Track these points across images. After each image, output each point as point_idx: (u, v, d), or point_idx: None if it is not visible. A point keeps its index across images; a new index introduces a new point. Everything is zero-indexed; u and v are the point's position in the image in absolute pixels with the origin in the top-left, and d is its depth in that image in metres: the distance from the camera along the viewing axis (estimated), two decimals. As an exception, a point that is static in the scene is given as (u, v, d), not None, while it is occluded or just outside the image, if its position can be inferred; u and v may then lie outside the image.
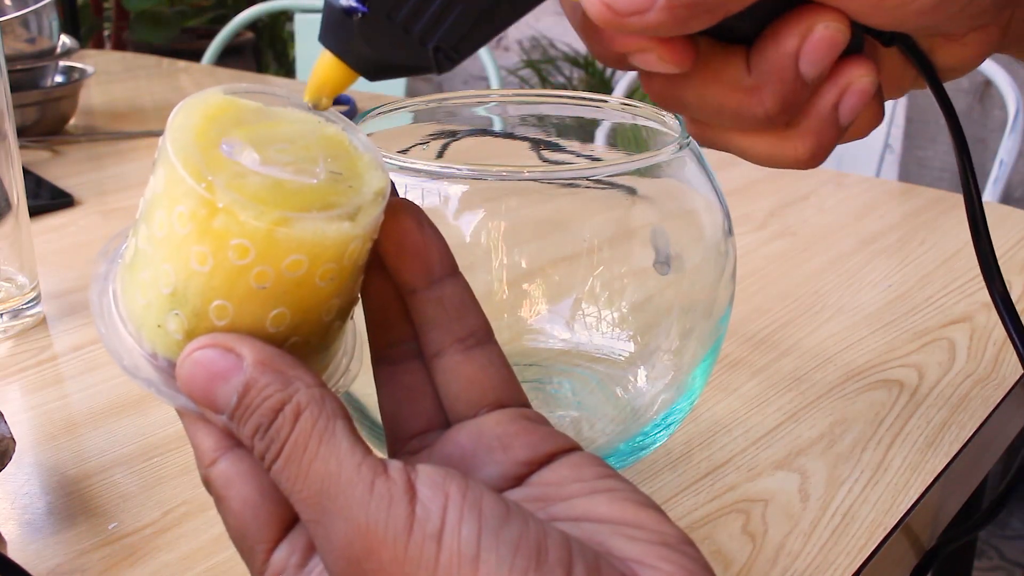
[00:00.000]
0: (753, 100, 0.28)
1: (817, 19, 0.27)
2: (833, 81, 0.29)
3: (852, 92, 0.29)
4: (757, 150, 0.30)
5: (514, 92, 0.48)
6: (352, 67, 0.27)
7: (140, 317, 0.27)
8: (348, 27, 0.25)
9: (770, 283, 0.66)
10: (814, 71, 0.28)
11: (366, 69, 0.27)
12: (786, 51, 0.27)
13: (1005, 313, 0.36)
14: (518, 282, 0.42)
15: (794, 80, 0.28)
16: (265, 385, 0.25)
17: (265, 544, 0.26)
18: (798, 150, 0.29)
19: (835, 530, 0.42)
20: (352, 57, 0.26)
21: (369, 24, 0.25)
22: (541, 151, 0.51)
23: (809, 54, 0.27)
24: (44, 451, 0.47)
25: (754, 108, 0.28)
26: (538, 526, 0.24)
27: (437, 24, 0.25)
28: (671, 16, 0.25)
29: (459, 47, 0.26)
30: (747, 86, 0.28)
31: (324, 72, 0.27)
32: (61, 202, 0.80)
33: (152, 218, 0.27)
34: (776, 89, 0.28)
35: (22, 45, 0.99)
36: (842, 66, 0.28)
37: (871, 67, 0.29)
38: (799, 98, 0.28)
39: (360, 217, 0.27)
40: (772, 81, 0.28)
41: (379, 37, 0.26)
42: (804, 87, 0.28)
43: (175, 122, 0.27)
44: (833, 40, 0.27)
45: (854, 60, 0.29)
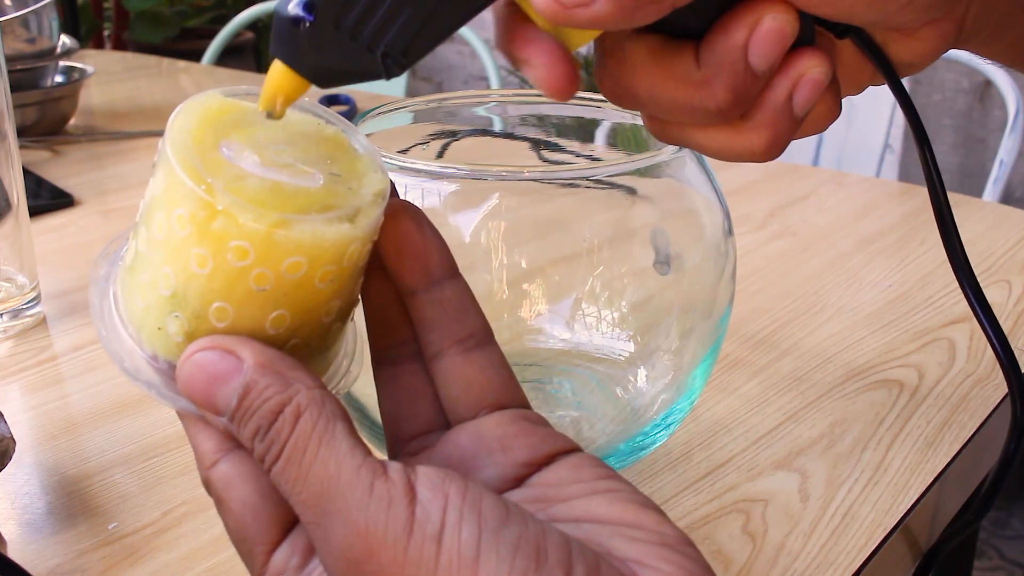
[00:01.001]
0: (705, 93, 0.28)
1: (765, 11, 0.27)
2: (785, 73, 0.29)
3: (805, 83, 0.29)
4: (714, 144, 0.30)
5: (514, 92, 0.48)
6: (303, 75, 0.27)
7: (140, 319, 0.27)
8: (296, 36, 0.26)
9: (770, 283, 0.66)
10: (764, 63, 0.28)
11: (316, 77, 0.27)
12: (735, 44, 0.27)
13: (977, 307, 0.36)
14: (518, 282, 0.42)
15: (744, 72, 0.28)
16: (265, 387, 0.25)
17: (265, 546, 0.26)
18: (754, 143, 0.29)
19: (835, 530, 0.42)
20: (302, 65, 0.27)
21: (316, 32, 0.25)
22: (541, 151, 0.51)
23: (758, 46, 0.27)
24: (44, 451, 0.47)
25: (706, 101, 0.28)
26: (538, 527, 0.24)
27: (383, 30, 0.26)
28: (617, 8, 0.25)
29: (407, 52, 0.26)
30: (697, 80, 0.28)
31: (276, 81, 0.27)
32: (61, 202, 0.80)
33: (152, 220, 0.27)
34: (727, 82, 0.28)
35: (22, 45, 0.99)
36: (794, 57, 0.28)
37: (823, 58, 0.29)
38: (751, 90, 0.28)
39: (359, 219, 0.27)
40: (722, 74, 0.28)
41: (327, 45, 0.26)
42: (755, 79, 0.28)
43: (174, 124, 0.27)
44: (781, 31, 0.27)
45: (806, 51, 0.29)
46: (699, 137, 0.30)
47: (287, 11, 0.25)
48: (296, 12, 0.25)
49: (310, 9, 0.25)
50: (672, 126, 0.31)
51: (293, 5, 0.25)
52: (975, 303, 0.36)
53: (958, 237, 0.35)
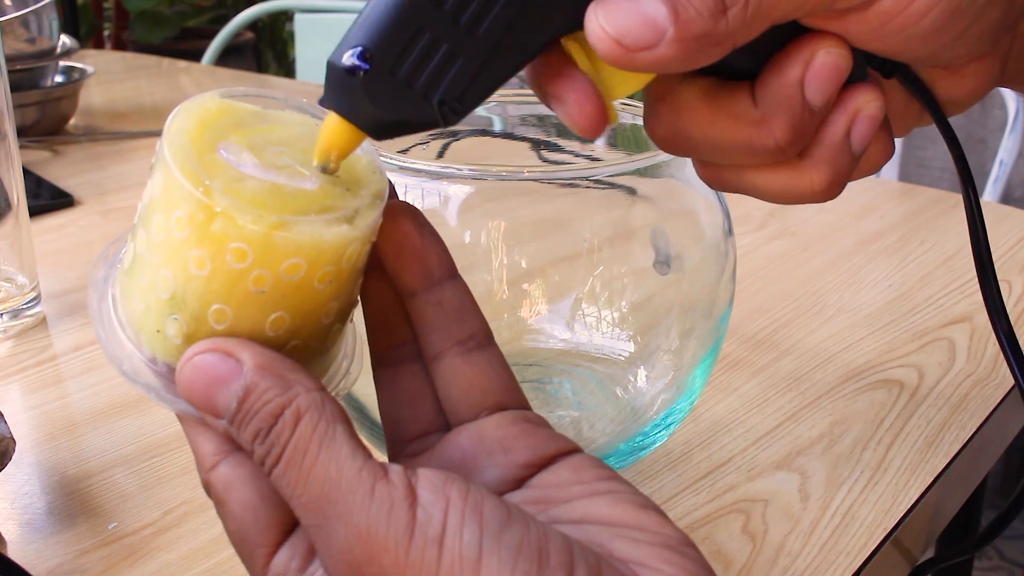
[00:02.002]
0: (763, 132, 0.28)
1: (819, 47, 0.27)
2: (841, 109, 0.29)
3: (862, 118, 0.29)
4: (773, 186, 0.30)
5: (514, 92, 0.48)
6: (358, 126, 0.26)
7: (139, 322, 0.27)
8: (352, 86, 0.25)
9: (770, 283, 0.66)
10: (820, 98, 0.28)
11: (372, 128, 0.26)
12: (791, 80, 0.28)
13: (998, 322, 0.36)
14: (518, 282, 0.42)
15: (801, 108, 0.28)
16: (265, 390, 0.25)
17: (265, 548, 0.26)
18: (814, 181, 0.29)
19: (835, 530, 0.42)
20: (357, 116, 0.26)
21: (372, 82, 0.25)
22: (541, 151, 0.51)
23: (813, 81, 0.27)
24: (44, 451, 0.47)
25: (764, 140, 0.28)
26: (539, 529, 0.24)
27: (440, 78, 0.25)
28: (680, 50, 0.25)
29: (463, 99, 0.26)
30: (755, 119, 0.28)
31: (332, 134, 0.27)
32: (61, 202, 0.80)
33: (150, 223, 0.27)
34: (784, 119, 0.28)
35: (22, 45, 0.99)
36: (849, 93, 0.29)
37: (877, 93, 0.29)
38: (808, 126, 0.28)
39: (358, 220, 0.27)
40: (779, 111, 0.28)
41: (383, 94, 0.25)
42: (812, 115, 0.28)
43: (172, 126, 0.27)
44: (836, 66, 0.27)
45: (861, 87, 0.29)
46: (757, 180, 0.30)
47: (342, 61, 0.25)
48: (352, 62, 0.25)
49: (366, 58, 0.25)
50: (728, 170, 0.30)
51: (348, 56, 0.25)
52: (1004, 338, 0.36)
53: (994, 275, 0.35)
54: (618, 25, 0.25)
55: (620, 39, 0.25)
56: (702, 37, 0.25)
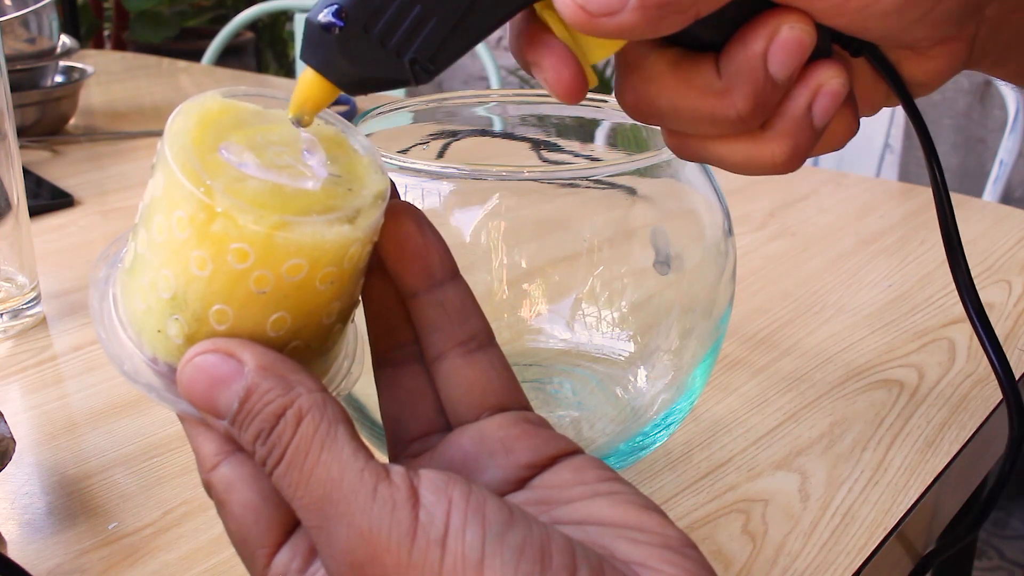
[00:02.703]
0: (725, 103, 0.29)
1: (783, 21, 0.28)
2: (804, 83, 0.29)
3: (824, 93, 0.29)
4: (734, 156, 0.30)
5: (514, 92, 0.48)
6: (332, 82, 0.27)
7: (140, 322, 0.27)
8: (327, 42, 0.26)
9: (770, 283, 0.66)
10: (783, 72, 0.28)
11: (346, 83, 0.27)
12: (754, 53, 0.28)
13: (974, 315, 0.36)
14: (518, 282, 0.42)
15: (764, 81, 0.28)
16: (266, 390, 0.25)
17: (266, 548, 0.26)
18: (775, 153, 0.30)
19: (835, 530, 0.42)
20: (332, 72, 0.27)
21: (347, 38, 0.26)
22: (541, 151, 0.51)
23: (777, 55, 0.28)
24: (44, 451, 0.47)
25: (726, 110, 0.29)
26: (542, 530, 0.24)
27: (412, 37, 0.26)
28: (643, 17, 0.26)
29: (435, 59, 0.27)
30: (718, 90, 0.29)
31: (306, 88, 0.28)
32: (61, 202, 0.80)
33: (151, 223, 0.26)
34: (747, 91, 0.28)
35: (22, 45, 0.99)
36: (812, 68, 0.29)
37: (841, 69, 0.29)
38: (771, 99, 0.29)
39: (360, 220, 0.27)
40: (742, 83, 0.28)
41: (357, 51, 0.26)
42: (775, 88, 0.28)
43: (173, 126, 0.27)
44: (799, 40, 0.28)
45: (824, 63, 0.29)
46: (719, 150, 0.30)
47: (318, 18, 0.26)
48: (327, 19, 0.26)
49: (341, 16, 0.26)
50: (692, 140, 0.31)
51: (324, 12, 0.26)
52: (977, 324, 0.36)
53: (963, 253, 0.35)
54: None
55: (584, 5, 0.26)
56: (665, 5, 0.26)
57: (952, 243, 0.35)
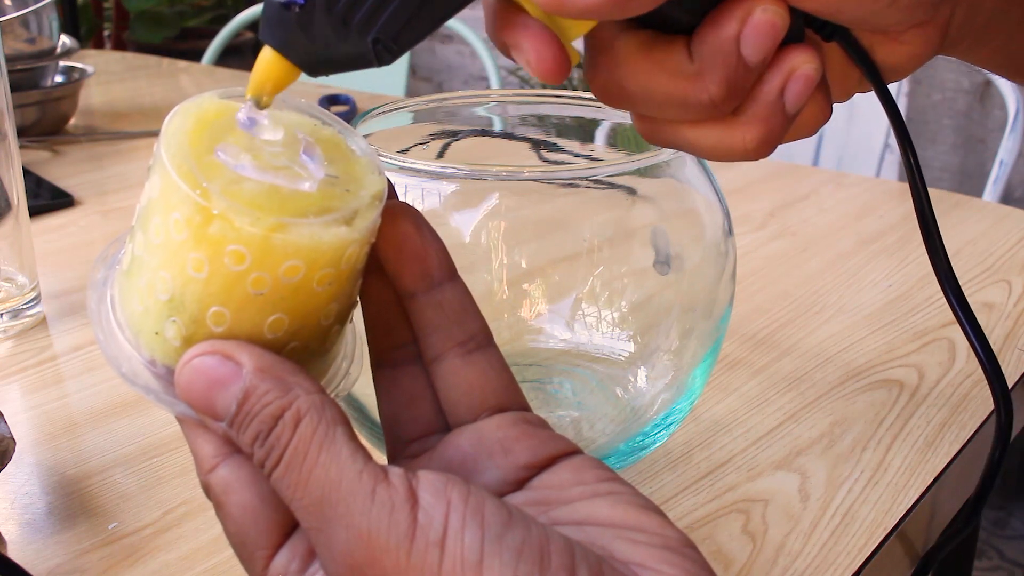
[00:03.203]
0: (698, 86, 0.28)
1: (755, 3, 0.27)
2: (777, 67, 0.29)
3: (797, 78, 0.29)
4: (706, 141, 0.30)
5: (514, 92, 0.48)
6: (293, 62, 0.26)
7: (138, 324, 0.27)
8: (287, 21, 0.25)
9: (770, 283, 0.66)
10: (756, 55, 0.28)
11: (307, 63, 0.27)
12: (727, 36, 0.28)
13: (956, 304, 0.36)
14: (518, 282, 0.42)
15: (737, 64, 0.28)
16: (264, 392, 0.25)
17: (265, 550, 0.26)
18: (746, 138, 0.29)
19: (835, 530, 0.42)
20: (292, 51, 0.26)
21: (307, 17, 0.25)
22: (541, 151, 0.51)
23: (750, 37, 0.27)
24: (44, 451, 0.47)
25: (699, 94, 0.28)
26: (541, 531, 0.24)
27: (375, 15, 0.25)
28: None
29: (399, 38, 0.26)
30: (690, 73, 0.28)
31: (265, 68, 0.27)
32: (61, 202, 0.80)
33: (148, 225, 0.26)
34: (719, 74, 0.28)
35: (22, 45, 0.99)
36: (785, 53, 0.29)
37: (813, 54, 0.29)
38: (743, 83, 0.28)
39: (357, 221, 0.27)
40: (715, 66, 0.28)
41: (318, 30, 0.25)
42: (748, 71, 0.28)
43: (169, 128, 0.27)
44: (772, 23, 0.27)
45: (797, 47, 0.29)
46: (690, 135, 0.30)
47: None
48: None
49: None
50: (663, 125, 0.30)
51: None
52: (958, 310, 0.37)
53: (942, 245, 0.35)
54: None
55: None
56: None
57: (926, 220, 0.35)
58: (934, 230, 0.35)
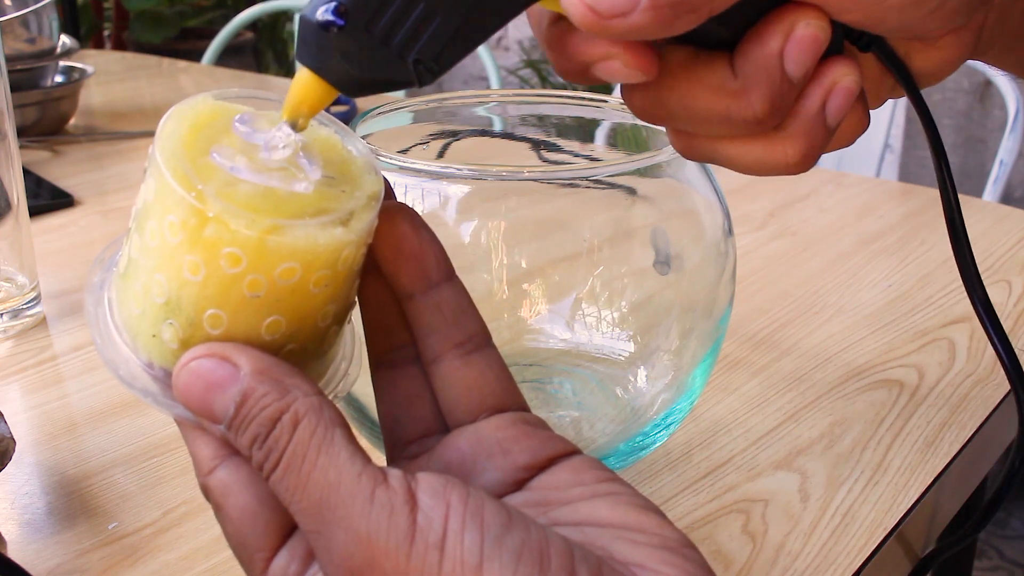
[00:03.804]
0: (742, 103, 0.28)
1: (798, 18, 0.27)
2: (818, 81, 0.28)
3: (838, 91, 0.29)
4: (747, 158, 0.30)
5: (514, 92, 0.48)
6: (331, 83, 0.26)
7: (135, 326, 0.27)
8: (325, 42, 0.25)
9: (770, 283, 0.66)
10: (799, 70, 0.28)
11: (345, 85, 0.26)
12: (770, 51, 0.27)
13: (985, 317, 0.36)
14: (518, 282, 0.42)
15: (780, 80, 0.28)
16: (263, 395, 0.25)
17: (264, 552, 0.26)
18: (788, 154, 0.29)
19: (835, 530, 0.42)
20: (330, 73, 0.26)
21: (346, 38, 0.25)
22: (541, 151, 0.51)
23: (793, 52, 0.27)
24: (44, 451, 0.47)
25: (743, 111, 0.28)
26: (540, 533, 0.24)
27: (416, 37, 0.25)
28: (655, 17, 0.25)
29: (439, 59, 0.25)
30: (734, 90, 0.28)
31: (302, 90, 0.26)
32: (61, 202, 0.80)
33: (144, 227, 0.26)
34: (764, 90, 0.28)
35: (22, 45, 0.99)
36: (825, 66, 0.28)
37: (854, 66, 0.29)
38: (787, 98, 0.28)
39: (353, 222, 0.27)
40: (759, 82, 0.28)
41: (357, 51, 0.25)
42: (791, 87, 0.28)
43: (164, 130, 0.27)
44: (815, 37, 0.27)
45: (837, 60, 0.29)
46: (731, 151, 0.30)
47: (315, 17, 0.24)
48: (326, 17, 0.24)
49: (341, 14, 0.24)
50: (702, 140, 0.30)
51: (323, 11, 0.24)
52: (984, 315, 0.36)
53: (969, 249, 0.35)
54: None
55: (594, 6, 0.25)
56: (677, 4, 0.25)
57: (957, 233, 0.35)
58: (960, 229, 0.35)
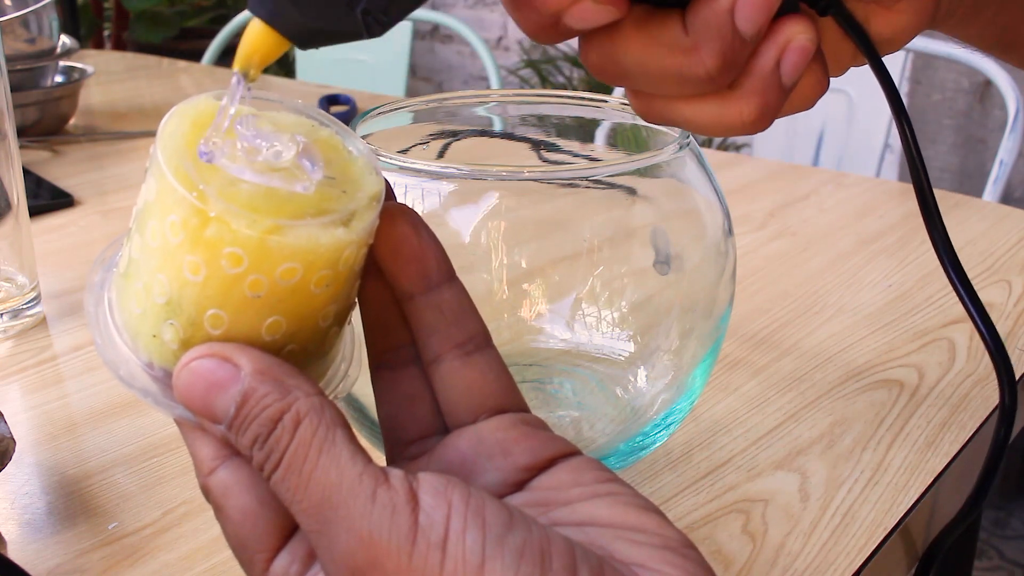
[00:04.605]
0: (693, 60, 0.28)
1: None
2: (772, 39, 0.29)
3: (792, 49, 0.29)
4: (703, 117, 0.30)
5: (514, 92, 0.48)
6: (282, 33, 0.26)
7: (135, 327, 0.27)
8: None
9: (770, 283, 0.66)
10: (751, 27, 0.28)
11: (296, 35, 0.26)
12: (720, 8, 0.27)
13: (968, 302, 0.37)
14: (518, 282, 0.42)
15: (732, 37, 0.28)
16: (264, 395, 0.25)
17: (265, 553, 0.26)
18: (743, 112, 0.29)
19: (835, 530, 0.42)
20: (282, 23, 0.26)
21: None
22: (541, 151, 0.51)
23: (744, 9, 0.27)
24: (44, 451, 0.47)
25: (695, 68, 0.28)
26: (541, 532, 0.24)
27: None
28: None
29: (388, 10, 0.26)
30: (686, 46, 0.28)
31: (254, 40, 0.26)
32: (61, 202, 0.80)
33: (145, 227, 0.26)
34: (715, 47, 0.28)
35: (22, 45, 0.99)
36: (780, 24, 0.29)
37: (808, 24, 0.29)
38: (739, 56, 0.28)
39: (354, 223, 0.27)
40: (710, 39, 0.28)
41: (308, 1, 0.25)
42: (743, 44, 0.28)
43: (166, 130, 0.27)
44: None
45: (792, 18, 0.29)
46: (687, 111, 0.30)
47: None
48: None
49: None
50: (659, 101, 0.30)
51: None
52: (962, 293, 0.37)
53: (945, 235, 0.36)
54: None
55: None
56: None
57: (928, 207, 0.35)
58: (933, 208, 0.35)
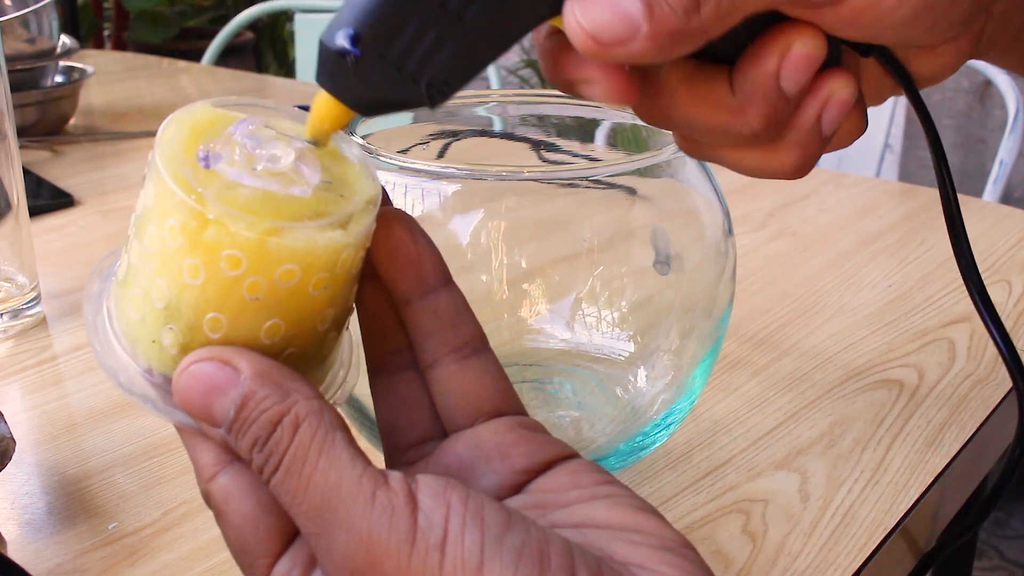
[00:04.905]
0: (739, 120, 0.29)
1: (794, 37, 0.28)
2: (814, 94, 0.29)
3: (833, 104, 0.29)
4: (747, 164, 0.31)
5: (514, 92, 0.48)
6: (348, 105, 0.27)
7: (135, 333, 0.27)
8: (342, 68, 0.26)
9: (770, 283, 0.66)
10: (795, 87, 0.28)
11: (361, 107, 0.27)
12: (767, 71, 0.28)
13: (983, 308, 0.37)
14: (518, 282, 0.42)
15: (777, 98, 0.28)
16: (263, 398, 0.25)
17: (266, 558, 0.26)
18: (785, 163, 0.30)
19: (835, 530, 0.42)
20: (348, 96, 0.27)
21: (363, 64, 0.26)
22: (541, 151, 0.51)
23: (789, 71, 0.28)
24: (44, 451, 0.47)
25: (740, 127, 0.29)
26: (540, 533, 0.24)
27: (428, 62, 0.26)
28: (654, 45, 0.26)
29: (450, 81, 0.27)
30: (732, 106, 0.29)
31: (322, 110, 0.28)
32: (61, 202, 0.80)
33: (144, 232, 0.27)
34: (760, 108, 0.28)
35: (22, 45, 0.99)
36: (822, 79, 0.29)
37: (850, 78, 0.29)
38: (783, 114, 0.29)
39: (352, 226, 0.27)
40: (756, 100, 0.28)
41: (373, 76, 0.26)
42: (787, 103, 0.29)
43: (164, 136, 0.27)
44: (810, 56, 0.28)
45: (833, 73, 0.29)
46: (732, 157, 0.31)
47: (333, 43, 0.26)
48: (342, 45, 0.26)
49: (356, 42, 0.26)
50: (706, 146, 0.31)
51: (340, 37, 0.26)
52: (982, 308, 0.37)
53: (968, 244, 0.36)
54: (593, 19, 0.26)
55: (595, 34, 0.26)
56: (676, 33, 0.26)
57: (957, 233, 0.36)
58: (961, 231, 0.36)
